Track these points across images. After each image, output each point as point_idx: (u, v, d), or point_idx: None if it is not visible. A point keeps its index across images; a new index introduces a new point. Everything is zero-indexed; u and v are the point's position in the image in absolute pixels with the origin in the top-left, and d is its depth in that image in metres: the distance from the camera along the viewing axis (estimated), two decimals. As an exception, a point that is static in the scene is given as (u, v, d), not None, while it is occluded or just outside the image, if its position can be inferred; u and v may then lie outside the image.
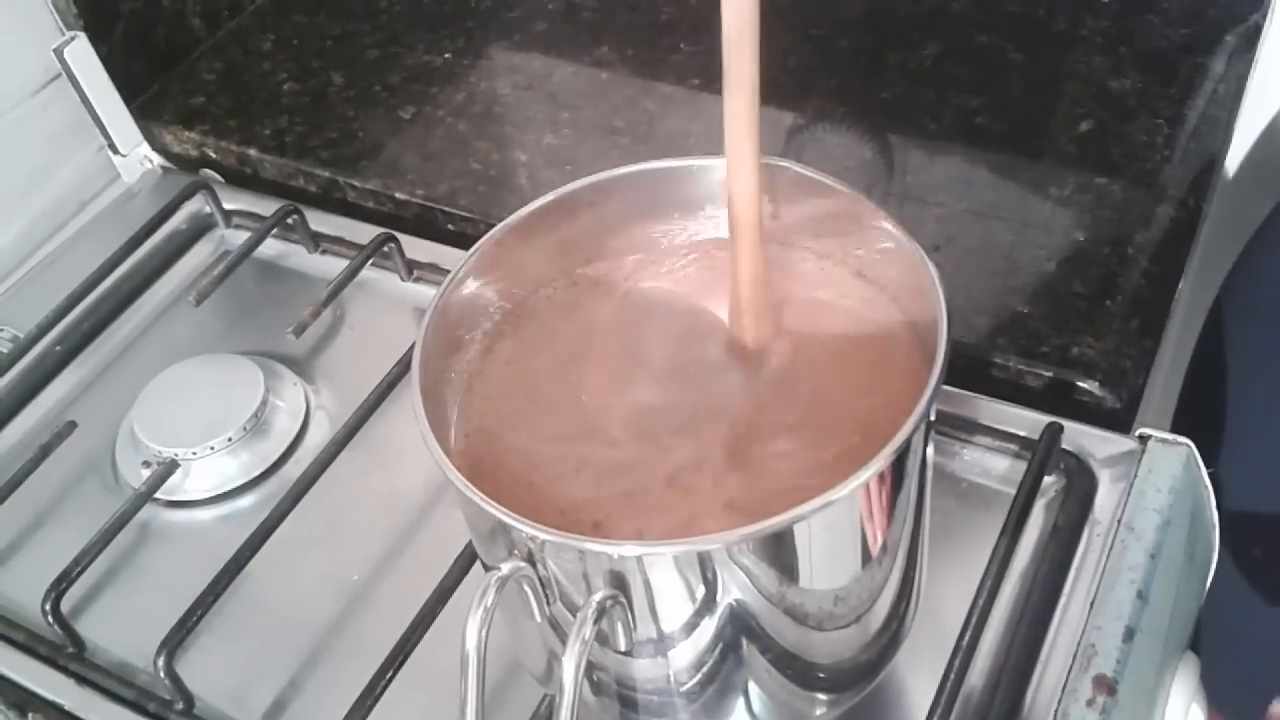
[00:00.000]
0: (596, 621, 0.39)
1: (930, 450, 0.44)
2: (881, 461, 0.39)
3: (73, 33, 0.80)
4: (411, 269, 0.74)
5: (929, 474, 0.45)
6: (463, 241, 0.74)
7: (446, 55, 0.87)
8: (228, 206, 0.81)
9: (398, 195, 0.77)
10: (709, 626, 0.42)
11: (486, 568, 0.46)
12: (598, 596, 0.39)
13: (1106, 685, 0.49)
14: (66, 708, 0.57)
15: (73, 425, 0.66)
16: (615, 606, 0.40)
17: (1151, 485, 0.55)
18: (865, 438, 0.43)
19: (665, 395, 0.47)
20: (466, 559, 0.55)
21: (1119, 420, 0.60)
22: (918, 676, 0.52)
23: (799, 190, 0.49)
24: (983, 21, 0.81)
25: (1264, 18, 0.78)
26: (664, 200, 0.51)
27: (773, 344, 0.48)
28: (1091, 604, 0.52)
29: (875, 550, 0.43)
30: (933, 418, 0.42)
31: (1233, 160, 0.78)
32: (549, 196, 0.49)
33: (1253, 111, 0.80)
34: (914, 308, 0.46)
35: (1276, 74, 0.80)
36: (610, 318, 0.50)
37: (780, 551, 0.40)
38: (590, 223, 0.51)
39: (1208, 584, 0.61)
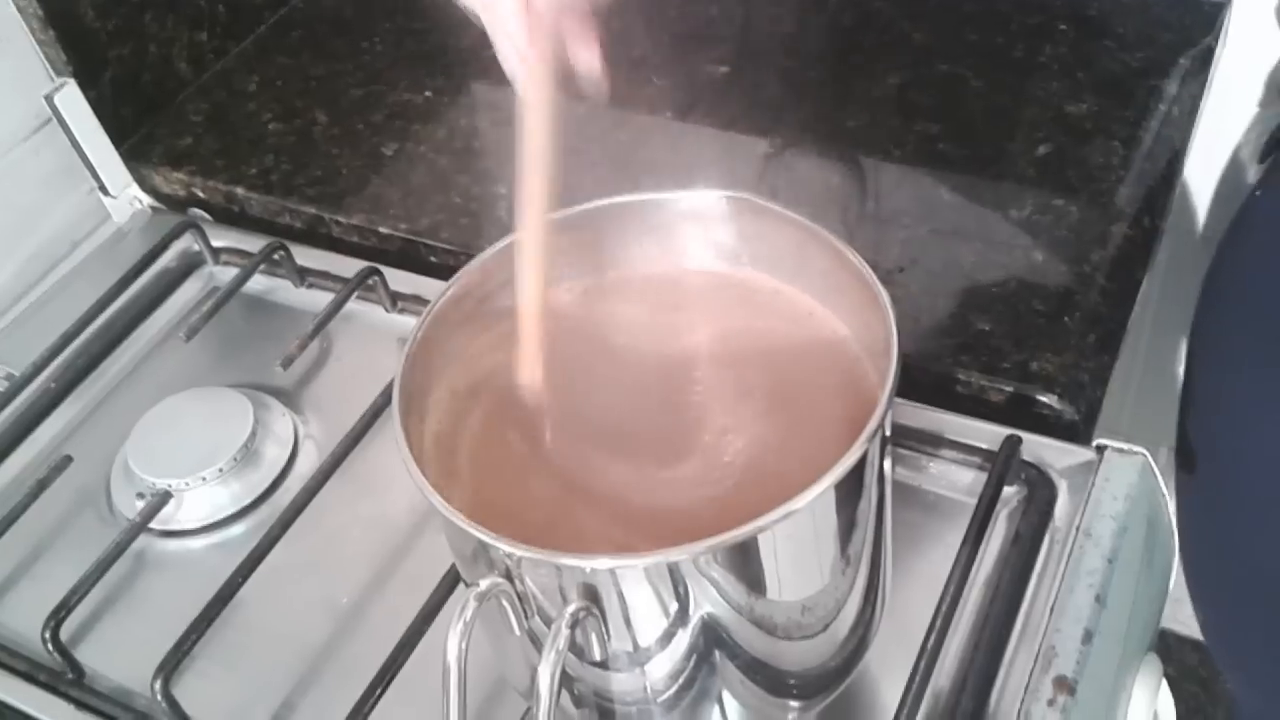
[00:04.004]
0: (571, 629, 0.41)
1: (889, 463, 0.46)
2: (837, 473, 0.41)
3: (63, 79, 0.82)
4: (395, 300, 0.76)
5: (888, 486, 0.47)
6: (445, 273, 0.75)
7: (427, 93, 0.89)
8: (216, 244, 0.82)
9: (381, 230, 0.79)
10: (682, 638, 0.44)
11: (468, 587, 0.48)
12: (571, 608, 0.41)
13: (1066, 685, 0.51)
14: (67, 733, 0.59)
15: (68, 459, 0.68)
16: (589, 618, 0.42)
17: (1108, 494, 0.57)
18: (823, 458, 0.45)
19: (626, 420, 0.48)
20: (450, 580, 0.57)
21: (1077, 431, 0.63)
22: (888, 680, 0.54)
23: (757, 220, 0.51)
24: (944, 51, 0.84)
25: (1216, 41, 0.80)
26: (635, 230, 0.53)
27: (732, 369, 0.50)
28: (1052, 608, 0.54)
29: (838, 560, 0.45)
30: (888, 432, 0.45)
31: (1188, 179, 0.80)
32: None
33: (1206, 132, 0.83)
34: (870, 334, 0.48)
35: (1229, 95, 0.83)
36: (573, 344, 0.51)
37: (746, 562, 0.42)
38: (562, 253, 0.53)
39: (1169, 588, 0.63)
